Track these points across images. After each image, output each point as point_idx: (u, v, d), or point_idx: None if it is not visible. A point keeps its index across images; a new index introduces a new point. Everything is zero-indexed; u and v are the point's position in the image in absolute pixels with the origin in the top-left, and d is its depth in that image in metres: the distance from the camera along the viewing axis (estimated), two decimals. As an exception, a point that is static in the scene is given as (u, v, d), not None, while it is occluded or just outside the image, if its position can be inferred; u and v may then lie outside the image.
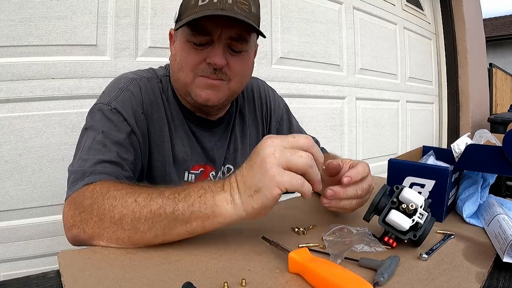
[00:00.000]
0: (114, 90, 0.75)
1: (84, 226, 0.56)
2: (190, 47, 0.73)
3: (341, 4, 2.26)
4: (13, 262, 1.22)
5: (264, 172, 0.50)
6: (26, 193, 1.21)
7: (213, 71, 0.73)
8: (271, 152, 0.50)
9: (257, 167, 0.51)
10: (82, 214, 0.56)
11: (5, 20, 1.13)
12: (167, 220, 0.53)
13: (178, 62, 0.75)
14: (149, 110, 0.77)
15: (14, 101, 1.17)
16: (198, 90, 0.75)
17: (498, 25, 12.01)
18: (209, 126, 0.85)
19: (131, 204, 0.54)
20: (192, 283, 0.43)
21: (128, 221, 0.53)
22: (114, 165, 0.65)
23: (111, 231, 0.54)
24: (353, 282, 0.42)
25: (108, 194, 0.56)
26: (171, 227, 0.53)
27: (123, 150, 0.68)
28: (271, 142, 0.51)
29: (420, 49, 3.05)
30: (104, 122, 0.70)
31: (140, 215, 0.53)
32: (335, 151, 0.77)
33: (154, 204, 0.53)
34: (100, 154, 0.65)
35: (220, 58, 0.71)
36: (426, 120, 3.19)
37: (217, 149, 0.86)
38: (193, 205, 0.53)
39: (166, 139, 0.78)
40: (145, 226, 0.53)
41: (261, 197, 0.50)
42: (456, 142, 0.77)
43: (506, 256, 0.51)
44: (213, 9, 0.68)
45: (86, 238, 0.56)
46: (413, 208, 0.55)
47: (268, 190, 0.49)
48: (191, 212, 0.52)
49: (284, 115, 1.01)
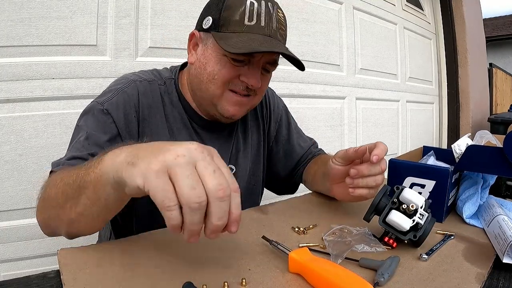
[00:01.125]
0: (111, 90, 0.76)
1: (39, 204, 0.60)
2: (226, 61, 0.73)
3: (341, 4, 2.26)
4: (13, 262, 1.22)
5: (159, 152, 0.40)
6: (26, 193, 1.20)
7: (246, 89, 0.75)
8: (180, 149, 0.41)
9: (155, 147, 0.42)
10: (39, 195, 0.61)
11: (5, 20, 1.13)
12: (74, 188, 0.51)
13: (209, 72, 0.74)
14: (146, 114, 0.77)
15: (14, 101, 1.17)
16: (226, 105, 0.76)
17: (498, 25, 12.01)
18: (215, 129, 0.85)
19: (58, 180, 0.56)
20: (192, 283, 0.43)
21: (52, 197, 0.56)
22: (83, 160, 0.65)
23: (52, 212, 0.57)
24: (353, 282, 0.42)
25: (52, 177, 0.60)
26: (78, 195, 0.51)
27: (100, 150, 0.67)
28: (192, 146, 0.41)
29: (420, 49, 3.05)
30: (92, 122, 0.71)
31: (58, 190, 0.55)
32: (335, 151, 0.77)
33: (73, 175, 0.53)
34: (77, 152, 0.67)
35: (258, 81, 0.75)
36: (426, 120, 3.19)
37: (222, 152, 0.86)
38: (90, 167, 0.49)
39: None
40: (63, 198, 0.54)
41: (130, 170, 0.41)
42: (456, 143, 0.77)
43: (506, 257, 0.51)
44: (261, 35, 0.70)
45: (44, 216, 0.60)
46: (414, 208, 0.55)
47: (137, 171, 0.40)
48: (87, 174, 0.48)
49: (283, 116, 1.01)
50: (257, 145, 0.95)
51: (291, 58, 0.74)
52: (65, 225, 0.57)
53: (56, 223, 0.58)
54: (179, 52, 1.48)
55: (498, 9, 32.73)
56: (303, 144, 1.02)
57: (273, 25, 0.72)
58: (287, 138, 1.00)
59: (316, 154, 1.01)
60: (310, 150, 1.01)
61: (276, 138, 0.99)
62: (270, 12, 0.72)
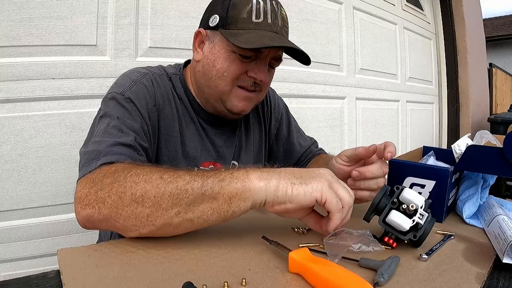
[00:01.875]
0: (127, 81, 0.75)
1: (100, 205, 0.54)
2: (235, 57, 0.74)
3: (341, 4, 2.26)
4: (13, 262, 1.22)
5: (317, 176, 0.53)
6: (26, 193, 1.21)
7: (254, 84, 0.77)
8: (326, 173, 0.55)
9: (311, 172, 0.55)
10: (99, 193, 0.54)
11: (5, 20, 1.13)
12: (193, 196, 0.52)
13: (218, 69, 0.75)
14: (161, 104, 0.77)
15: (14, 101, 1.17)
16: (235, 100, 0.78)
17: (498, 25, 12.01)
18: (219, 124, 0.86)
19: (155, 180, 0.52)
20: (192, 283, 0.43)
21: (151, 197, 0.52)
22: (130, 148, 0.64)
23: (131, 210, 0.52)
24: (353, 282, 0.42)
25: (131, 172, 0.54)
26: (196, 203, 0.52)
27: (139, 137, 0.69)
28: (325, 171, 0.56)
29: (420, 49, 3.05)
30: (119, 109, 0.69)
31: (164, 191, 0.52)
32: (335, 151, 0.77)
33: (181, 180, 0.52)
34: (116, 138, 0.64)
35: (265, 76, 0.76)
36: (426, 120, 3.19)
37: (227, 147, 0.87)
38: (224, 180, 0.52)
39: (175, 134, 0.79)
40: (169, 203, 0.52)
41: (303, 188, 0.52)
42: (456, 143, 0.77)
43: (506, 257, 0.51)
44: (269, 31, 0.72)
45: (101, 218, 0.54)
46: (414, 208, 0.55)
47: (312, 188, 0.52)
48: (220, 186, 0.52)
49: (283, 114, 1.02)
50: (258, 143, 0.96)
51: (297, 53, 0.76)
52: (150, 227, 0.53)
53: (132, 223, 0.53)
54: (179, 52, 1.49)
55: (498, 9, 32.77)
56: (303, 143, 1.02)
57: (278, 22, 0.74)
58: (287, 137, 1.01)
59: (317, 153, 1.01)
60: (310, 149, 1.02)
61: (276, 136, 1.00)
62: (275, 10, 0.74)
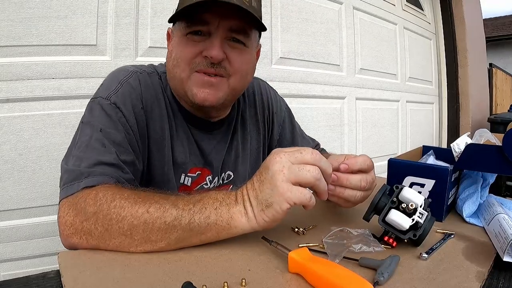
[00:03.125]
0: (113, 83, 0.71)
1: (87, 237, 0.54)
2: (186, 40, 0.70)
3: (341, 4, 2.26)
4: (13, 262, 1.22)
5: (274, 188, 0.52)
6: (26, 193, 1.21)
7: (211, 65, 0.68)
8: (280, 169, 0.52)
9: (267, 182, 0.53)
10: (84, 223, 0.54)
11: (5, 20, 1.13)
12: (182, 231, 0.53)
13: (173, 57, 0.72)
14: (149, 106, 0.73)
15: (14, 101, 1.17)
16: (194, 88, 0.70)
17: (498, 25, 12.00)
18: (208, 128, 0.81)
19: (142, 214, 0.53)
20: (192, 283, 0.43)
21: (140, 232, 0.52)
22: (113, 167, 0.62)
23: (118, 241, 0.53)
24: (353, 282, 0.42)
25: (114, 203, 0.54)
26: (185, 237, 0.54)
27: (122, 150, 0.66)
28: (280, 158, 0.53)
29: (420, 49, 3.05)
30: (102, 118, 0.66)
31: (153, 227, 0.52)
32: (335, 151, 0.77)
33: (168, 215, 0.53)
34: (99, 155, 0.62)
35: (217, 51, 0.67)
36: (426, 120, 3.19)
37: (216, 153, 0.83)
38: (209, 218, 0.54)
39: (166, 137, 0.75)
40: (158, 236, 0.53)
41: (272, 211, 0.53)
42: (456, 142, 0.77)
43: (506, 256, 0.51)
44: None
45: (89, 247, 0.54)
46: (413, 207, 0.55)
47: (278, 205, 0.52)
48: (207, 224, 0.53)
49: (286, 118, 0.99)
50: (256, 151, 0.92)
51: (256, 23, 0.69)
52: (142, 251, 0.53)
53: (123, 249, 0.53)
54: (179, 52, 1.48)
55: (498, 9, 32.74)
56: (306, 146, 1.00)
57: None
58: (291, 142, 0.98)
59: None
60: None
61: (279, 141, 0.97)
62: None
